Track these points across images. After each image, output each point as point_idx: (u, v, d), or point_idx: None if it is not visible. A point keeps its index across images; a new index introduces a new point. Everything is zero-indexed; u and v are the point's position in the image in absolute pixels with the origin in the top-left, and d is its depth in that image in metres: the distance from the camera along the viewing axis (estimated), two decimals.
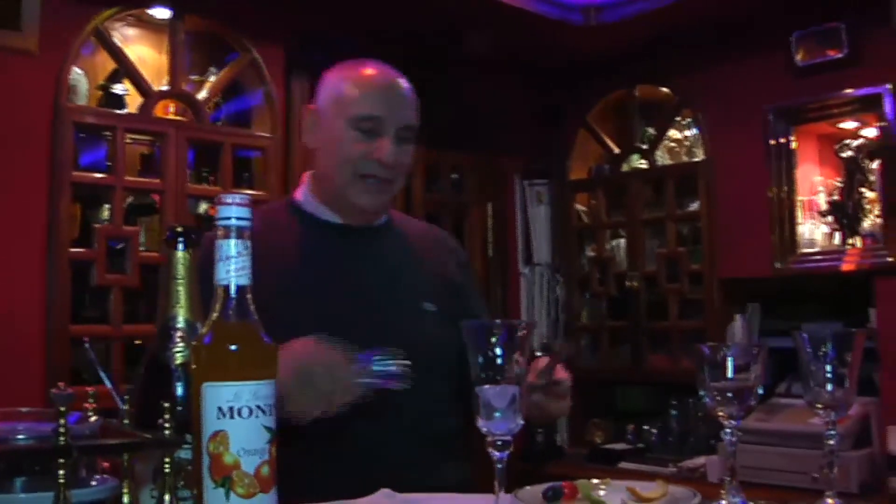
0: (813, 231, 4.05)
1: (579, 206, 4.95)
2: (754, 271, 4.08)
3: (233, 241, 1.00)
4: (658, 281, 4.43)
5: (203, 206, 3.61)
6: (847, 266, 3.86)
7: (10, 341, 3.06)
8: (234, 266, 0.99)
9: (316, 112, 1.88)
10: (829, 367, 1.30)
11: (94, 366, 1.37)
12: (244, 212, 1.01)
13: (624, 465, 4.20)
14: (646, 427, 4.46)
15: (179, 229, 1.15)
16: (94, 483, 1.03)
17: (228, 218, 1.00)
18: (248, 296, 1.00)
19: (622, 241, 4.74)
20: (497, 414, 1.10)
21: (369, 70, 1.86)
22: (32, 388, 2.98)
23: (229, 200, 1.01)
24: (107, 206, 3.40)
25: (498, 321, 1.12)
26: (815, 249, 4.02)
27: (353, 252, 1.85)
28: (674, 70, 4.41)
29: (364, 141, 1.79)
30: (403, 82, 1.86)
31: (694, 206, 4.39)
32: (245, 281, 1.00)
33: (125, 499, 1.03)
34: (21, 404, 1.18)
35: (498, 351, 1.11)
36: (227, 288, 1.00)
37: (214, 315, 0.99)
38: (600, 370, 4.69)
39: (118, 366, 3.21)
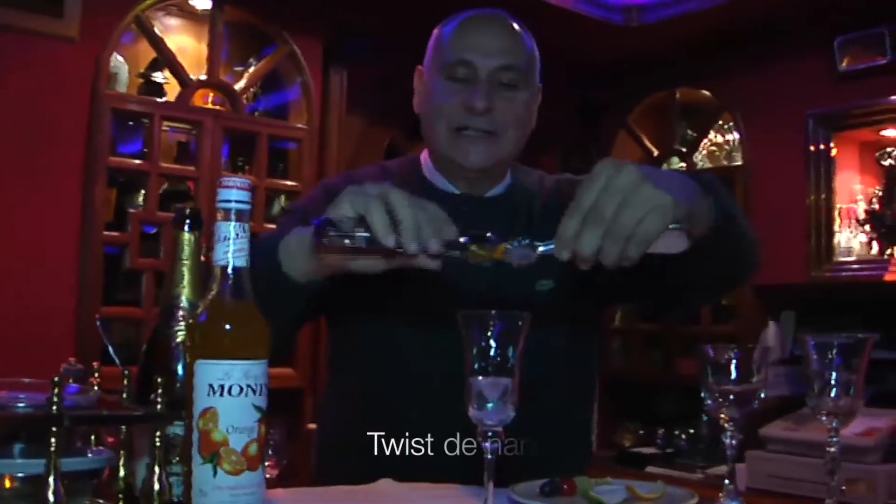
0: (850, 240, 4.00)
1: None
2: (789, 278, 4.04)
3: (232, 224, 1.01)
4: None
5: None
6: (885, 276, 3.81)
7: (44, 320, 3.14)
8: (232, 248, 1.01)
9: (421, 72, 1.72)
10: (834, 374, 1.29)
11: (105, 343, 1.40)
12: (244, 195, 1.02)
13: (652, 469, 4.17)
14: (676, 432, 4.43)
15: (187, 211, 1.17)
16: (89, 454, 1.05)
17: (229, 201, 1.01)
18: (246, 277, 1.02)
19: None
20: (489, 405, 1.10)
21: (468, 15, 1.67)
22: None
23: (230, 184, 1.02)
24: (142, 191, 3.46)
25: (494, 312, 1.11)
26: (852, 258, 3.97)
27: (463, 227, 1.44)
28: (715, 73, 4.38)
29: (458, 90, 1.61)
30: (504, 22, 1.66)
31: None
32: (242, 263, 1.01)
33: (120, 471, 1.06)
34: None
35: (493, 343, 1.11)
36: (224, 268, 1.01)
37: (211, 294, 1.01)
38: (632, 373, 4.68)
39: None
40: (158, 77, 3.60)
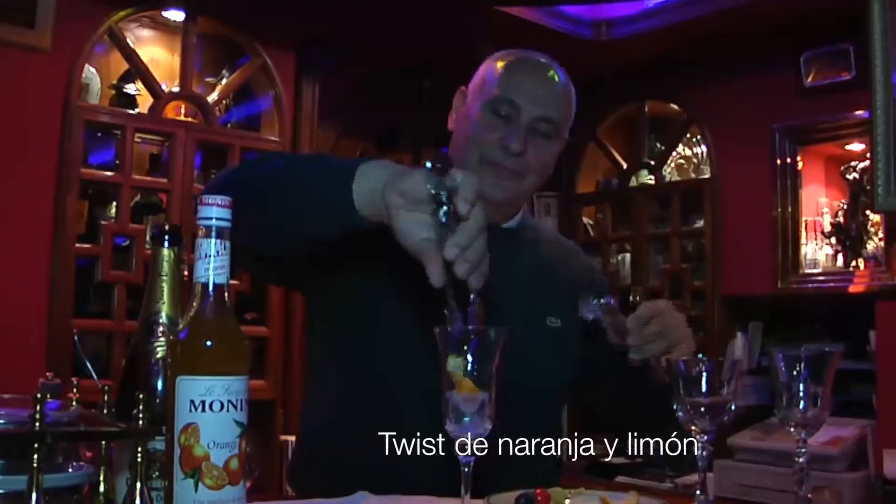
0: (816, 252, 4.06)
1: (586, 220, 4.97)
2: (756, 290, 4.09)
3: (213, 241, 1.01)
4: (661, 296, 4.43)
5: None
6: (850, 288, 3.87)
7: (14, 332, 3.11)
8: (212, 264, 1.02)
9: (464, 93, 1.79)
10: (801, 386, 1.31)
11: (81, 357, 1.40)
12: (225, 213, 1.02)
13: (622, 478, 4.20)
14: (645, 441, 4.45)
15: (166, 227, 1.18)
16: (70, 469, 1.06)
17: (209, 218, 1.02)
18: (227, 294, 1.03)
19: (627, 256, 4.76)
20: (466, 419, 1.12)
21: (522, 55, 1.76)
22: (33, 379, 3.02)
23: (211, 201, 1.02)
24: (114, 203, 3.45)
25: (471, 327, 1.13)
26: (818, 270, 4.03)
27: None
28: (683, 87, 4.43)
29: (498, 127, 1.68)
30: (553, 73, 1.74)
31: (699, 223, 4.40)
32: (223, 280, 1.02)
33: (101, 487, 1.06)
34: (22, 395, 1.20)
35: (469, 357, 1.13)
36: (205, 285, 1.02)
37: (192, 311, 1.02)
38: None
39: (118, 361, 3.24)
40: (131, 88, 3.59)
